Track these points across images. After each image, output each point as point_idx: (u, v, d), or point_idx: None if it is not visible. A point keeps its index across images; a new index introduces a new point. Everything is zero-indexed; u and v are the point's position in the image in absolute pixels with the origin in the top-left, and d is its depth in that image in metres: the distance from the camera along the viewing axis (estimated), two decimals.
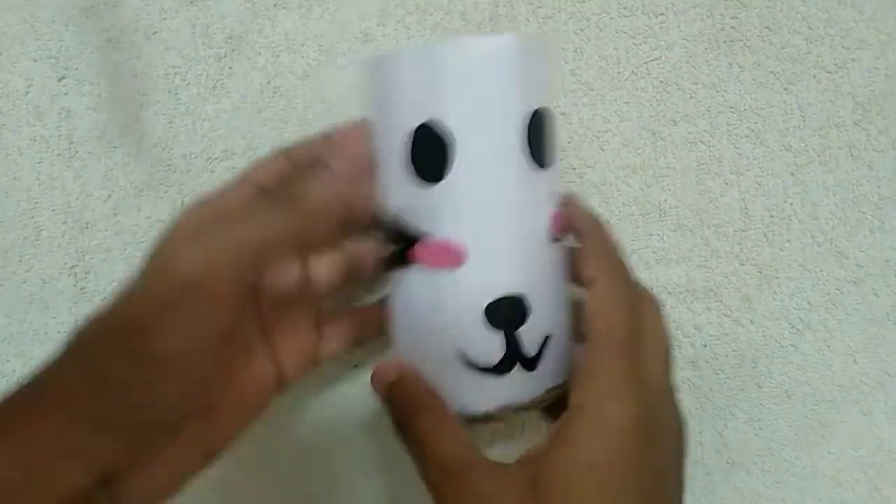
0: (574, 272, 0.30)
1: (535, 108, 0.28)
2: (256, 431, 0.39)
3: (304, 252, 0.29)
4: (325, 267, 0.29)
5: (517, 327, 0.28)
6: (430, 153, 0.28)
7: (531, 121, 0.28)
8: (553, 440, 0.27)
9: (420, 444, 0.28)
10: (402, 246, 0.29)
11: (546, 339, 0.29)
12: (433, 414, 0.28)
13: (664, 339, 0.29)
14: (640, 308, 0.28)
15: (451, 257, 0.28)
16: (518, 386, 0.29)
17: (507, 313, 0.28)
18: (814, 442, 0.40)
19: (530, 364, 0.29)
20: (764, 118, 0.39)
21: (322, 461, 0.39)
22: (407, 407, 0.29)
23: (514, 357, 0.28)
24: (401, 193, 0.29)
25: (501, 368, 0.28)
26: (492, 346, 0.28)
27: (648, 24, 0.39)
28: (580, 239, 0.30)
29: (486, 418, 0.29)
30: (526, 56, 0.28)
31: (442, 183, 0.28)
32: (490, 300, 0.28)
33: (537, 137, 0.28)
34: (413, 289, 0.29)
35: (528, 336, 0.28)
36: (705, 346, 0.40)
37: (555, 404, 0.30)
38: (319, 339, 0.32)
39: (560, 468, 0.26)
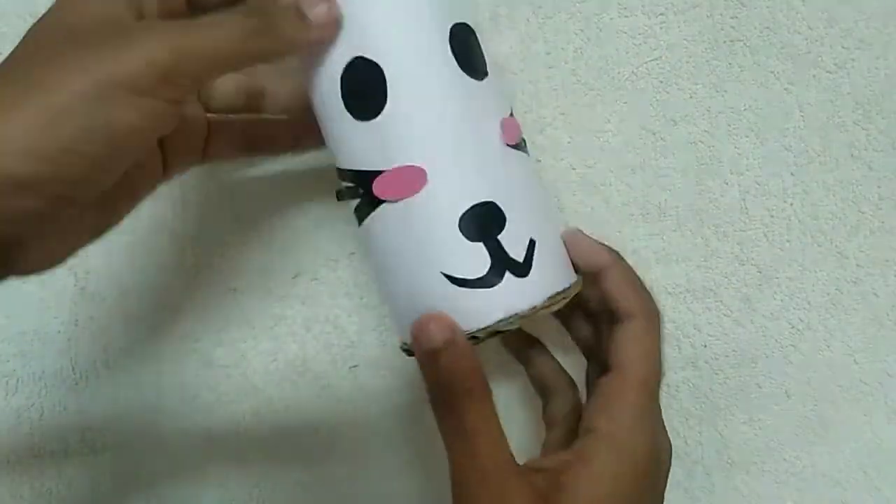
0: (602, 302, 0.31)
1: (456, 22, 0.29)
2: (256, 432, 0.39)
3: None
4: (229, 88, 0.31)
5: (496, 233, 0.28)
6: (364, 90, 0.28)
7: (454, 36, 0.28)
8: (577, 458, 0.29)
9: (463, 434, 0.27)
10: (363, 191, 0.29)
11: (531, 244, 0.29)
12: (482, 406, 0.28)
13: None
14: (660, 348, 0.31)
15: (412, 182, 0.28)
16: (515, 294, 0.28)
17: (482, 221, 0.28)
18: (814, 442, 0.40)
19: (521, 270, 0.28)
20: (764, 118, 0.39)
21: (322, 461, 0.39)
22: (454, 379, 0.27)
23: (502, 264, 0.28)
24: (345, 135, 0.29)
25: (492, 279, 0.28)
26: (476, 258, 0.28)
27: (648, 24, 0.39)
28: (603, 273, 0.31)
29: (493, 333, 0.29)
30: None
31: (382, 115, 0.28)
32: (462, 212, 0.28)
33: (464, 50, 0.29)
34: (384, 228, 0.29)
35: (511, 242, 0.28)
36: (705, 346, 0.40)
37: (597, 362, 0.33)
38: (208, 142, 0.32)
39: (581, 485, 0.28)
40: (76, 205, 0.25)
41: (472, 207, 0.28)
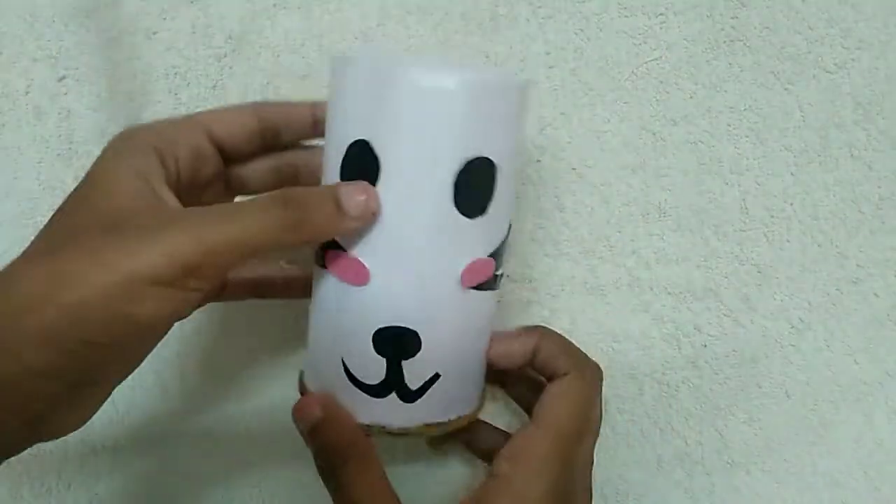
0: (540, 364, 0.32)
1: (476, 156, 0.27)
2: (256, 432, 0.39)
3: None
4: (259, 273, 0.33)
5: (402, 358, 0.29)
6: (357, 172, 0.28)
7: (466, 168, 0.27)
8: (474, 503, 0.28)
9: (343, 491, 0.28)
10: (321, 249, 0.30)
11: (434, 378, 0.30)
12: (366, 472, 0.29)
13: (598, 423, 0.32)
14: (593, 400, 0.31)
15: (355, 275, 0.28)
16: (391, 412, 0.30)
17: (393, 343, 0.29)
18: (814, 442, 0.40)
19: (409, 396, 0.29)
20: (764, 118, 0.39)
21: None
22: (332, 453, 0.29)
23: (393, 385, 0.29)
24: None
25: (378, 391, 0.29)
26: (374, 368, 0.29)
27: (648, 24, 0.39)
28: (543, 339, 0.32)
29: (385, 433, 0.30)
30: (477, 102, 0.27)
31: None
32: (381, 326, 0.28)
33: (468, 187, 0.28)
34: (322, 291, 0.30)
35: (414, 370, 0.29)
36: (705, 346, 0.40)
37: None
38: (223, 289, 0.33)
39: None
40: (98, 384, 0.25)
41: (392, 327, 0.28)
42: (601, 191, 0.39)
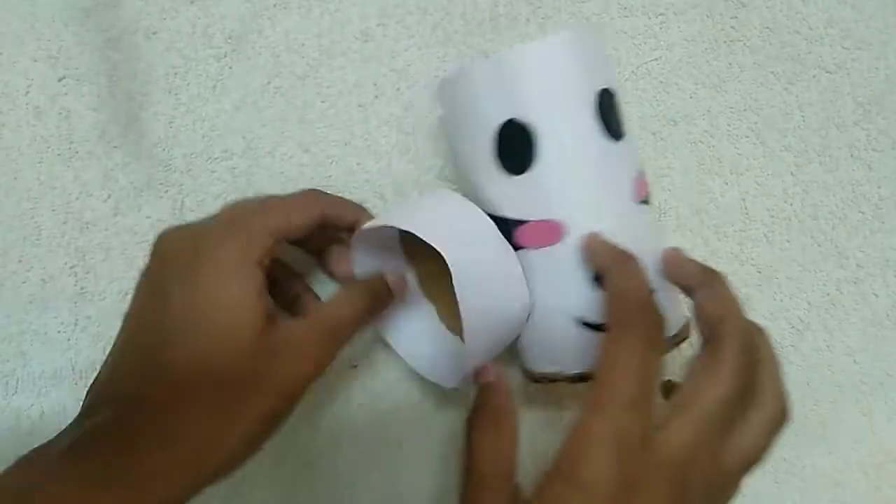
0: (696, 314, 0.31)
1: (602, 88, 0.31)
2: None
3: None
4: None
5: None
6: (517, 147, 0.30)
7: (601, 100, 0.30)
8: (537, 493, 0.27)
9: (473, 445, 0.31)
10: (507, 235, 0.32)
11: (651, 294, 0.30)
12: (496, 426, 0.31)
13: (755, 398, 0.30)
14: (731, 381, 0.29)
15: (552, 235, 0.31)
16: None
17: None
18: (814, 442, 0.40)
19: None
20: (764, 118, 0.39)
21: (322, 461, 0.39)
22: (481, 411, 0.32)
23: None
24: (492, 187, 0.32)
25: None
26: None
27: (648, 24, 0.39)
28: (703, 289, 0.31)
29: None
30: (582, 46, 0.30)
31: (530, 171, 0.30)
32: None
33: (608, 113, 0.31)
34: (525, 270, 0.32)
35: None
36: None
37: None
38: None
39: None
40: None
41: None
42: None
